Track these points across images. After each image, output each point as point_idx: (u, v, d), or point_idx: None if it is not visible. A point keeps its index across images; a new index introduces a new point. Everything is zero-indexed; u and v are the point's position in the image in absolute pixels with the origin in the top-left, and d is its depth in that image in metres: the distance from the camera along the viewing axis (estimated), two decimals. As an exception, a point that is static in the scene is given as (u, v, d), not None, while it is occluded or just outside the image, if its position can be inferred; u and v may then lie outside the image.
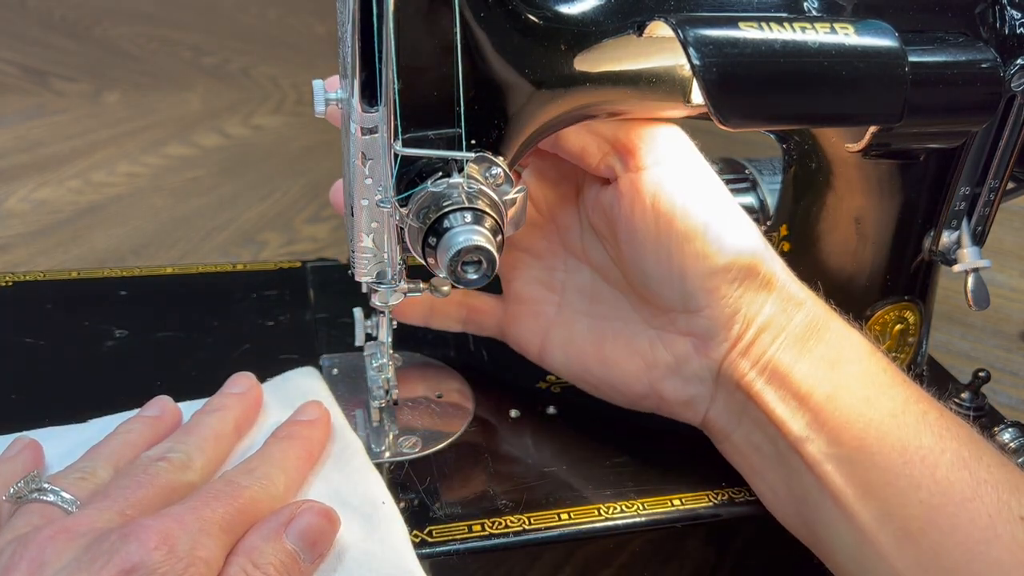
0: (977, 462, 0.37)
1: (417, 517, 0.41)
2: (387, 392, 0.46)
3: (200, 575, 0.32)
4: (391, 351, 0.47)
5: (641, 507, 0.43)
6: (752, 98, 0.35)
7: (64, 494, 0.35)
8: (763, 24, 0.35)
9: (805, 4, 0.41)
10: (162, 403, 0.43)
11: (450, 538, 0.40)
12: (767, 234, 0.52)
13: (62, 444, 0.41)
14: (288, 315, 0.52)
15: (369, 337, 0.48)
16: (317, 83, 0.38)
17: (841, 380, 0.40)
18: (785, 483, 0.41)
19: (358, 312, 0.48)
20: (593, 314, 0.46)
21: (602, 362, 0.46)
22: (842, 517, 0.39)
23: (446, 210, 0.35)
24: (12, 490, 0.36)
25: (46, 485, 0.35)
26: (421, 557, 0.38)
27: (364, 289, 0.44)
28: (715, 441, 0.45)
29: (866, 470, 0.38)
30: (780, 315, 0.41)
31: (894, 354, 0.50)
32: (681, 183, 0.41)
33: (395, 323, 0.46)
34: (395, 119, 0.36)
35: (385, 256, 0.40)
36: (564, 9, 0.38)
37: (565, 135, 0.42)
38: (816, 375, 0.40)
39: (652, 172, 0.41)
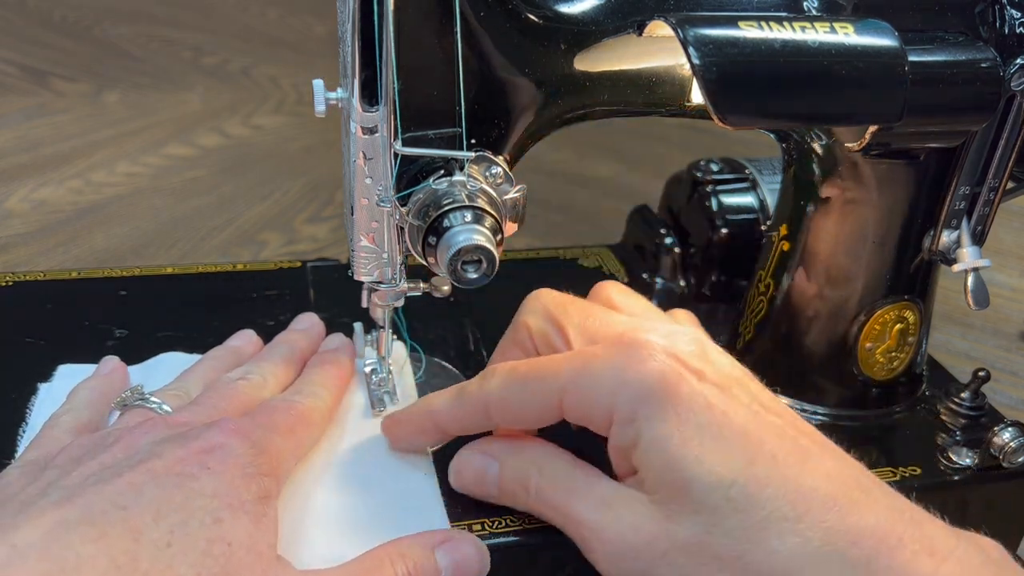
0: None
1: (417, 517, 0.41)
2: (386, 406, 0.46)
3: (268, 463, 0.36)
4: (390, 361, 0.47)
5: (641, 507, 0.43)
6: (752, 97, 0.35)
7: (164, 405, 0.41)
8: (763, 23, 0.35)
9: (805, 3, 0.41)
10: (247, 334, 0.49)
11: (450, 538, 0.40)
12: (767, 234, 0.52)
13: (160, 370, 0.47)
14: (288, 315, 0.52)
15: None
16: (317, 83, 0.38)
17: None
18: None
19: (359, 327, 0.48)
20: None
21: None
22: None
23: (446, 209, 0.35)
24: (119, 398, 0.42)
25: (148, 395, 0.41)
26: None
27: (364, 289, 0.44)
28: None
29: None
30: None
31: (893, 353, 0.50)
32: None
33: (395, 337, 0.46)
34: (395, 118, 0.36)
35: (385, 256, 0.40)
36: (564, 9, 0.38)
37: None
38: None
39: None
